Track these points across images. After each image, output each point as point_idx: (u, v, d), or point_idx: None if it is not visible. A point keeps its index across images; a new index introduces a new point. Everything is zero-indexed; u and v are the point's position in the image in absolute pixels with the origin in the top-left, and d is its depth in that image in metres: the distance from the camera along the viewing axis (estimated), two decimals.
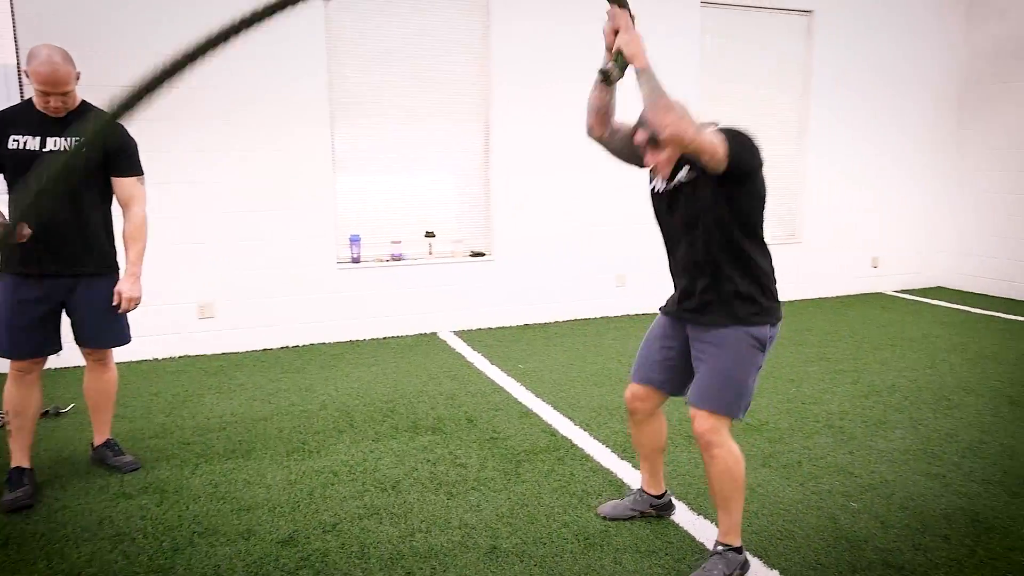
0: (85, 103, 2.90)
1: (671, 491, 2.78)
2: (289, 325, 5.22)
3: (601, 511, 2.73)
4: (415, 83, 5.42)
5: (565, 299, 6.01)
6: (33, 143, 2.78)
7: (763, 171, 2.20)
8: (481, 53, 5.56)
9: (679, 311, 2.37)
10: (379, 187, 5.50)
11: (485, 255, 5.76)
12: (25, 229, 2.64)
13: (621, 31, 2.15)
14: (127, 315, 3.03)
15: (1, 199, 3.60)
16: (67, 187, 2.82)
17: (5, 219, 2.71)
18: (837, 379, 4.42)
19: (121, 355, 4.44)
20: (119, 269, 3.04)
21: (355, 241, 5.38)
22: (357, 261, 5.40)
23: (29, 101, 2.83)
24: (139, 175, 3.01)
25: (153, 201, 3.19)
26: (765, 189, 2.24)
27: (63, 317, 2.99)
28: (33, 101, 2.80)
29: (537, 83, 5.64)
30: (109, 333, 3.05)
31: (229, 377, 4.50)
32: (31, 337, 2.87)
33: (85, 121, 2.81)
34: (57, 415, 3.80)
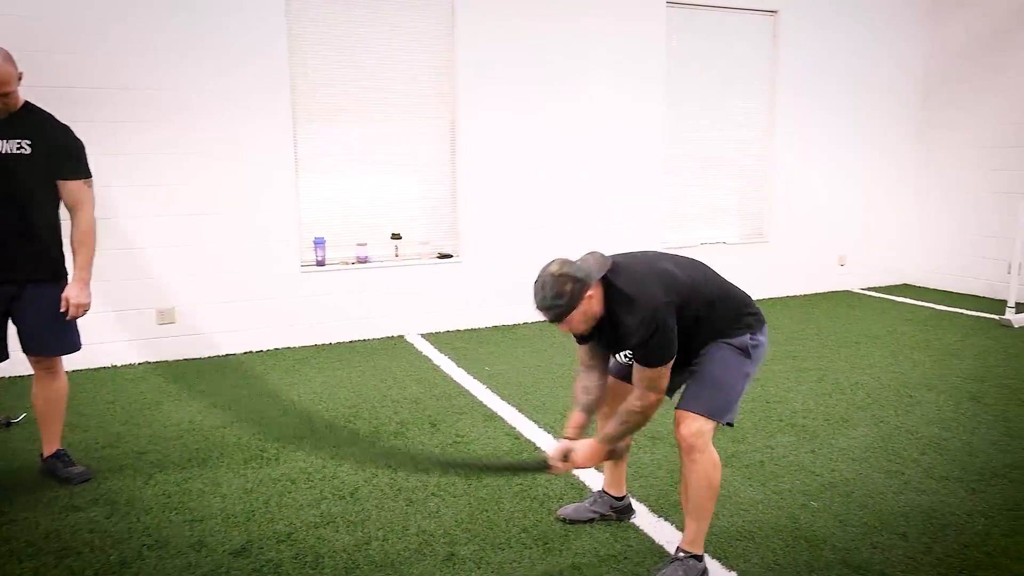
0: (28, 104, 2.82)
1: (631, 494, 2.76)
2: (252, 330, 5.13)
3: (561, 513, 2.71)
4: (379, 83, 5.35)
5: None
6: None
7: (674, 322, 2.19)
8: (446, 53, 5.51)
9: None
10: (344, 189, 5.42)
11: (452, 257, 5.72)
12: None
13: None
14: (76, 322, 2.95)
15: None
16: (10, 192, 2.75)
17: None
18: (802, 377, 4.44)
19: (78, 362, 4.36)
20: (67, 276, 2.96)
21: (320, 244, 5.31)
22: (322, 264, 5.33)
23: None
24: (86, 179, 2.92)
25: (111, 203, 3.11)
26: (698, 313, 2.26)
27: (9, 325, 2.90)
28: None
29: (503, 84, 5.61)
30: (57, 341, 2.96)
31: (189, 384, 4.41)
32: None
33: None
34: (8, 425, 3.70)
